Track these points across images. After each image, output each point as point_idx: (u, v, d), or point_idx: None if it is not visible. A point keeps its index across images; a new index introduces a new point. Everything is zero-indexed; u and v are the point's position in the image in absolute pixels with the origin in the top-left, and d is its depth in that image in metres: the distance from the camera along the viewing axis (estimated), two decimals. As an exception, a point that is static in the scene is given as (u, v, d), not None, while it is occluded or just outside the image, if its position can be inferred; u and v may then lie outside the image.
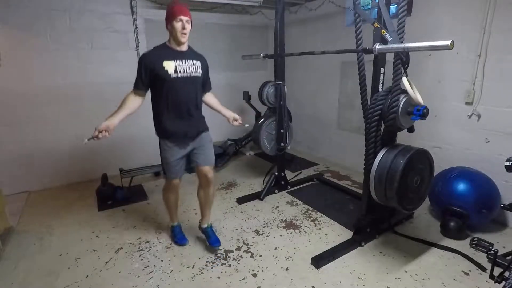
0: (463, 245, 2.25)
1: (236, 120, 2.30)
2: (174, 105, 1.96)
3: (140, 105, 1.97)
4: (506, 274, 1.55)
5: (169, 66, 1.89)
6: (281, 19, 2.91)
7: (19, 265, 2.15)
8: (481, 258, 2.07)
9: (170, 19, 1.87)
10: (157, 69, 1.88)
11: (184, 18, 1.85)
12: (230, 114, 2.31)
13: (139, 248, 2.33)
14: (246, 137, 4.38)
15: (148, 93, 2.01)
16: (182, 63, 1.94)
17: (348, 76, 3.74)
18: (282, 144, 3.18)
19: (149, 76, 1.91)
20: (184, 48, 1.97)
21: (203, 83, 2.12)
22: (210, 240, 2.27)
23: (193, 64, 1.99)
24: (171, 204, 2.34)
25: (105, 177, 3.10)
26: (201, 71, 2.03)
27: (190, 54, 2.01)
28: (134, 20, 3.54)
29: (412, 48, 1.69)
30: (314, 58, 4.12)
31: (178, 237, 2.38)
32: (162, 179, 3.68)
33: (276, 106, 3.13)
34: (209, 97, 2.27)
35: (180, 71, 1.92)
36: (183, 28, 1.86)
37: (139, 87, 1.94)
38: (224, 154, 4.11)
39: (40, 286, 1.96)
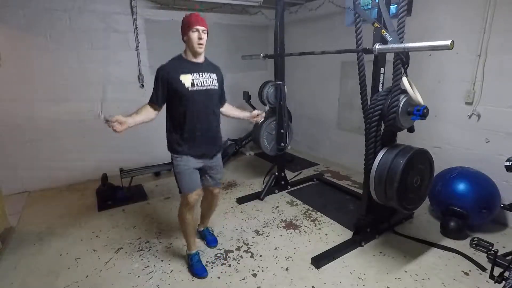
0: (463, 245, 2.25)
1: (258, 116, 2.22)
2: (191, 119, 1.87)
3: (154, 118, 1.89)
4: (506, 274, 1.56)
5: (186, 79, 1.83)
6: (281, 19, 2.91)
7: (19, 265, 2.15)
8: (481, 258, 2.07)
9: (186, 29, 1.82)
10: (174, 83, 1.82)
11: (201, 28, 1.80)
12: (249, 114, 2.21)
13: (139, 248, 2.33)
14: (246, 137, 4.38)
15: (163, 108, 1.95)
16: (199, 76, 1.88)
17: (348, 76, 3.74)
18: (282, 144, 3.18)
19: (166, 90, 1.85)
20: (200, 59, 1.91)
21: (219, 96, 2.06)
22: (207, 239, 2.36)
23: (210, 77, 1.93)
24: (189, 226, 2.03)
25: (105, 177, 3.10)
26: (217, 84, 1.98)
27: (207, 67, 1.95)
28: (134, 20, 3.54)
29: (412, 48, 1.69)
30: (314, 58, 4.11)
31: (196, 268, 2.03)
32: (162, 178, 3.69)
33: (276, 106, 3.14)
34: (225, 108, 2.18)
35: (197, 85, 1.86)
36: (200, 38, 1.80)
37: (154, 102, 1.87)
38: (224, 154, 4.11)
39: (40, 286, 1.96)
